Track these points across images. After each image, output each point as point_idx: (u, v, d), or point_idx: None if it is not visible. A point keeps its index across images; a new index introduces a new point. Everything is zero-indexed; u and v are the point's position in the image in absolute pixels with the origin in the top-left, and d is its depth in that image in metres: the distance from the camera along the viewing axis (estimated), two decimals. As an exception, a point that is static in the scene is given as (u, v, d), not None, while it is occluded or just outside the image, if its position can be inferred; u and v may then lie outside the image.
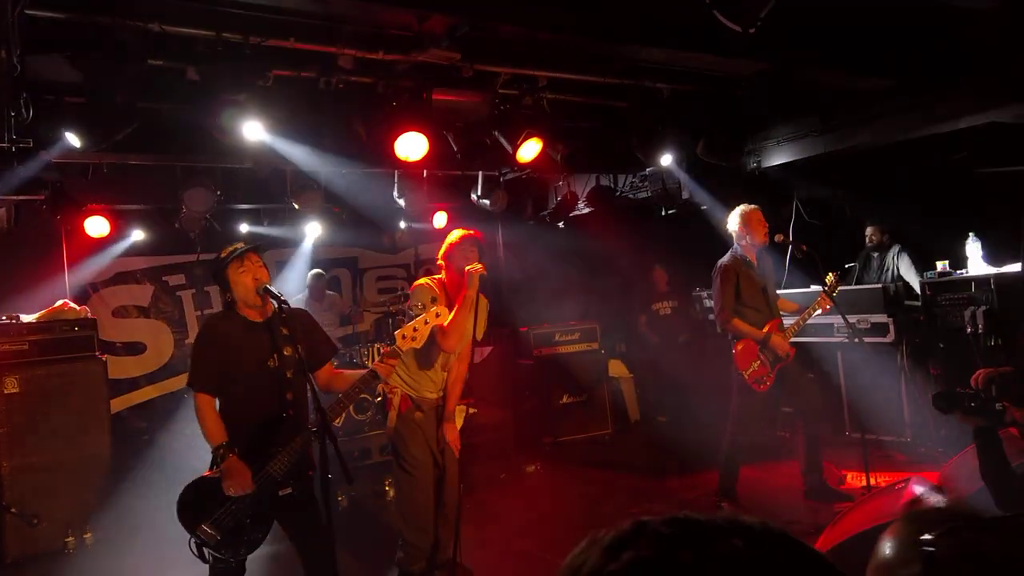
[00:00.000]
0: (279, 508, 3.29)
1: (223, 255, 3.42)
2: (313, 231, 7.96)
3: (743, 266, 5.13)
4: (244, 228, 7.96)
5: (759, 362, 5.08)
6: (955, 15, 4.72)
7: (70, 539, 5.36)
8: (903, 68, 5.51)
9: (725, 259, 5.20)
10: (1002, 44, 5.07)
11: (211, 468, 3.23)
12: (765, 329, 5.10)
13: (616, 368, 8.26)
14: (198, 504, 3.17)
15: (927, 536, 0.93)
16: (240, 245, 3.45)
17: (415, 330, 3.35)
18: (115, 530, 5.50)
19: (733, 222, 5.22)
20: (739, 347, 5.11)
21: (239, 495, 3.14)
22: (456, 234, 4.16)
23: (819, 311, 5.23)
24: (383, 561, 4.93)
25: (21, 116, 3.95)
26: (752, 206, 5.23)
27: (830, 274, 5.30)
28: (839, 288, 5.41)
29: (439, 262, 4.22)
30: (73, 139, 4.14)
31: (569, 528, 4.98)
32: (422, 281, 4.14)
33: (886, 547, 0.99)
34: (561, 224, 8.72)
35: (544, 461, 6.98)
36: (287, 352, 3.33)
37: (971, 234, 6.25)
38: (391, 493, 6.04)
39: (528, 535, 5.15)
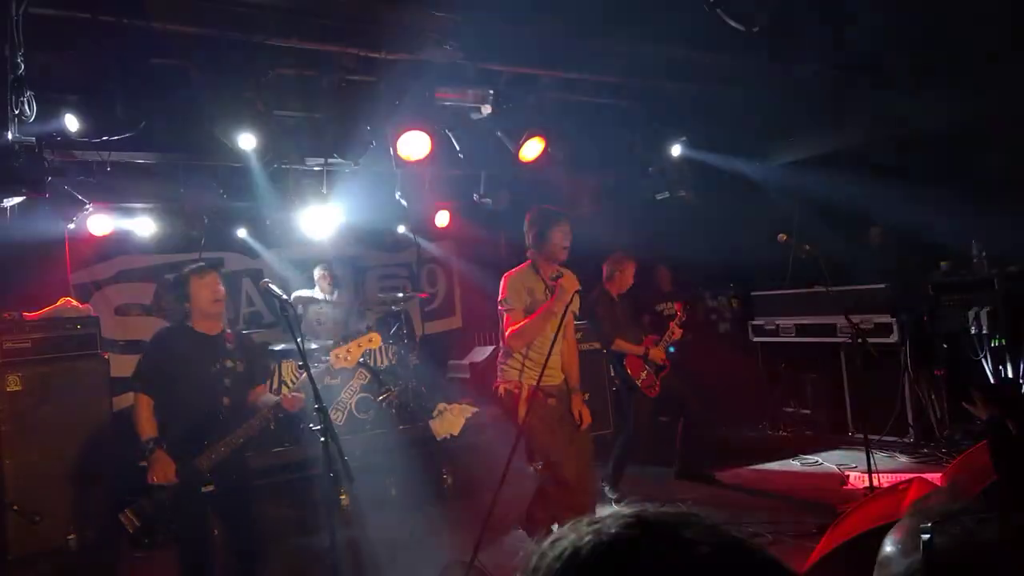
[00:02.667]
0: (201, 503, 3.52)
1: (185, 269, 3.74)
2: (315, 229, 7.95)
3: (609, 300, 5.87)
4: (247, 225, 7.97)
5: (646, 372, 5.79)
6: (961, 13, 4.71)
7: (72, 537, 5.36)
8: (907, 65, 5.49)
9: (595, 293, 5.81)
10: (1006, 42, 5.05)
11: (141, 460, 3.52)
12: (643, 346, 5.83)
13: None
14: (127, 492, 3.53)
15: (926, 525, 0.95)
16: (202, 262, 3.84)
17: (348, 351, 3.69)
18: (117, 528, 5.50)
19: (609, 266, 5.92)
20: (628, 361, 5.82)
21: (161, 484, 3.41)
22: (546, 213, 4.22)
23: (674, 336, 5.92)
24: (384, 560, 4.94)
25: (24, 114, 3.95)
26: (630, 259, 5.91)
27: (678, 306, 6.12)
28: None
29: (531, 247, 4.22)
30: (72, 122, 4.12)
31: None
32: (516, 273, 4.20)
33: (890, 541, 1.01)
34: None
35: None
36: (228, 364, 3.67)
37: (975, 233, 6.24)
38: (393, 492, 6.03)
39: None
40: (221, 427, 3.54)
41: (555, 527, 4.24)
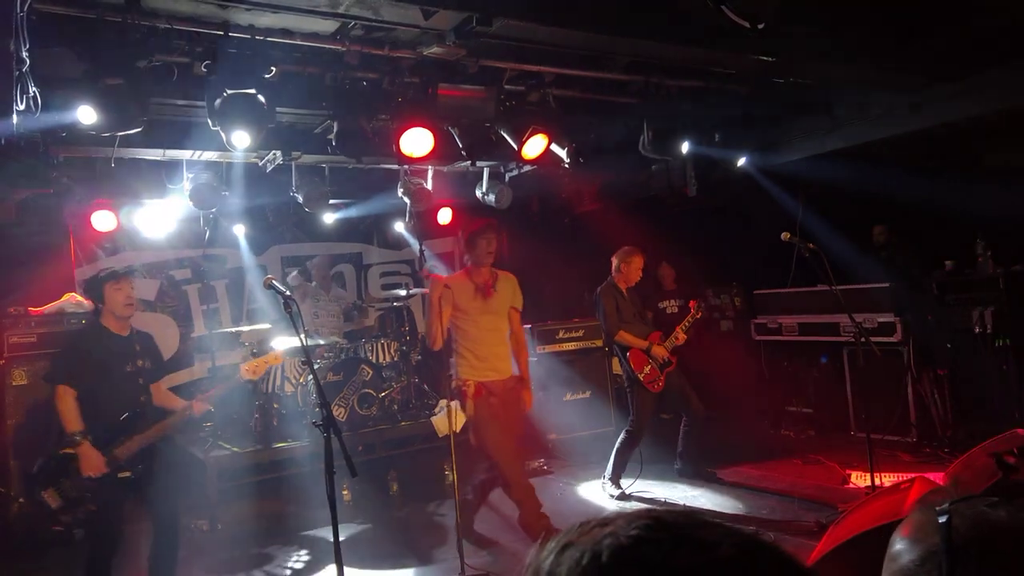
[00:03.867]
0: (118, 488, 3.85)
1: (101, 274, 4.10)
2: (317, 225, 7.98)
3: (616, 292, 5.95)
4: (249, 221, 7.99)
5: (650, 367, 5.83)
6: (969, 7, 4.69)
7: (78, 529, 5.37)
8: (913, 62, 5.47)
9: (603, 286, 6.02)
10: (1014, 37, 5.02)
11: (65, 447, 3.79)
12: (647, 341, 5.85)
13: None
14: (49, 473, 3.81)
15: (943, 507, 0.95)
16: (117, 268, 4.29)
17: (256, 366, 4.14)
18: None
19: (616, 259, 6.00)
20: (631, 354, 5.86)
21: (93, 476, 3.72)
22: (474, 224, 4.76)
23: (678, 341, 5.96)
24: (386, 554, 4.95)
25: (30, 110, 3.96)
26: (637, 253, 5.98)
27: (692, 303, 6.16)
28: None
29: (465, 254, 4.78)
30: (88, 114, 4.12)
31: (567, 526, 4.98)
32: (438, 279, 4.72)
33: (899, 536, 0.99)
34: (566, 221, 8.71)
35: (547, 457, 6.99)
36: (140, 363, 4.03)
37: (979, 232, 6.22)
38: (394, 488, 6.05)
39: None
40: (141, 422, 3.89)
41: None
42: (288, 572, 4.72)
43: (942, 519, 0.93)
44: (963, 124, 5.93)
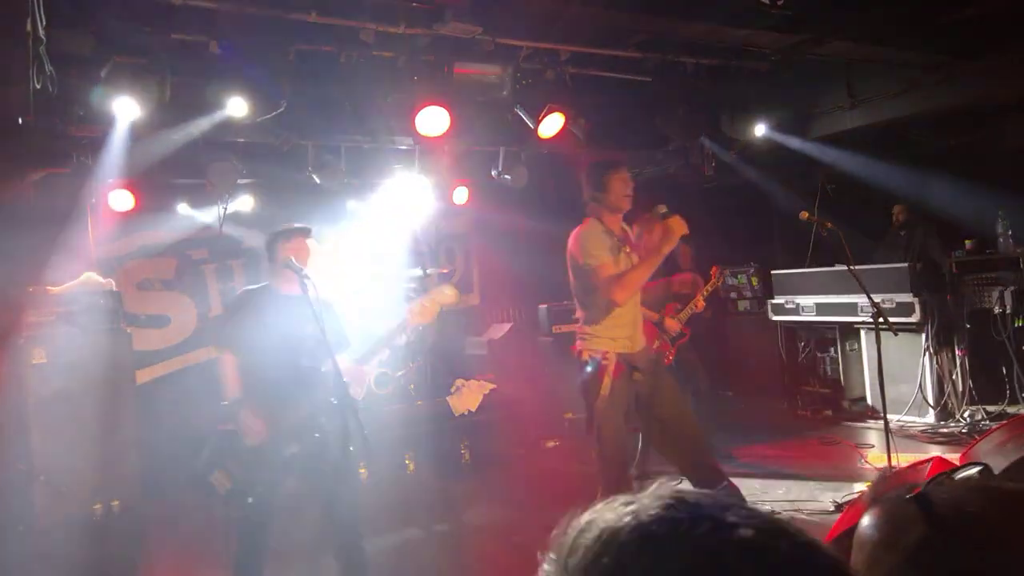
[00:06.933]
0: (287, 465, 3.43)
1: (279, 229, 3.77)
2: (333, 205, 7.96)
3: None
4: (264, 201, 8.00)
5: (660, 340, 5.68)
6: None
7: (98, 507, 5.47)
8: (934, 41, 5.37)
9: None
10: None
11: (225, 422, 3.41)
12: (658, 314, 5.73)
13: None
14: (215, 454, 3.38)
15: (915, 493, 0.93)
16: (293, 226, 3.79)
17: (424, 307, 3.59)
18: (141, 499, 5.62)
19: (645, 222, 5.68)
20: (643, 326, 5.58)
21: (256, 444, 3.32)
22: (598, 159, 4.06)
23: (696, 309, 5.87)
24: (402, 531, 5.00)
25: (47, 90, 3.97)
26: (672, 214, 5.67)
27: (714, 269, 6.17)
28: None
29: (591, 199, 3.94)
30: (131, 106, 4.15)
31: (586, 505, 5.00)
32: (591, 232, 3.87)
33: (874, 525, 0.97)
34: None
35: (563, 437, 7.01)
36: (310, 329, 3.41)
37: (1001, 212, 6.13)
38: (411, 467, 6.10)
39: (546, 509, 5.18)
40: (299, 393, 3.42)
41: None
42: (306, 548, 4.77)
43: (912, 497, 0.92)
44: (986, 102, 5.83)
